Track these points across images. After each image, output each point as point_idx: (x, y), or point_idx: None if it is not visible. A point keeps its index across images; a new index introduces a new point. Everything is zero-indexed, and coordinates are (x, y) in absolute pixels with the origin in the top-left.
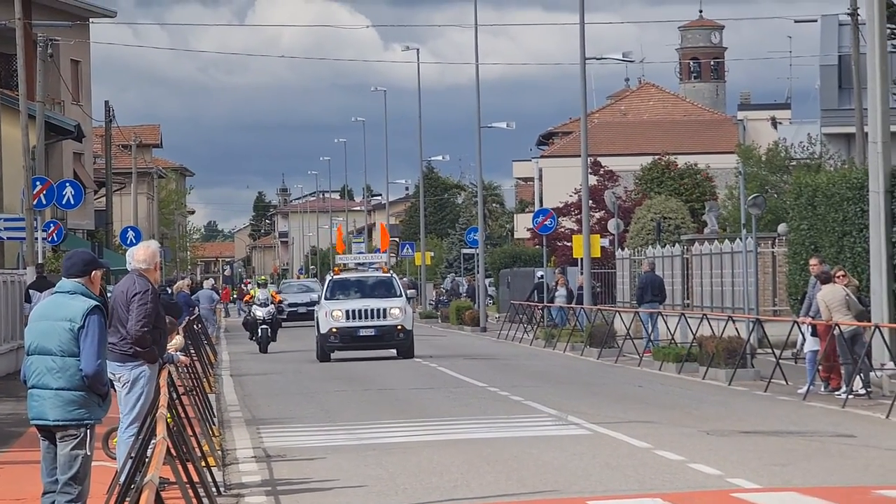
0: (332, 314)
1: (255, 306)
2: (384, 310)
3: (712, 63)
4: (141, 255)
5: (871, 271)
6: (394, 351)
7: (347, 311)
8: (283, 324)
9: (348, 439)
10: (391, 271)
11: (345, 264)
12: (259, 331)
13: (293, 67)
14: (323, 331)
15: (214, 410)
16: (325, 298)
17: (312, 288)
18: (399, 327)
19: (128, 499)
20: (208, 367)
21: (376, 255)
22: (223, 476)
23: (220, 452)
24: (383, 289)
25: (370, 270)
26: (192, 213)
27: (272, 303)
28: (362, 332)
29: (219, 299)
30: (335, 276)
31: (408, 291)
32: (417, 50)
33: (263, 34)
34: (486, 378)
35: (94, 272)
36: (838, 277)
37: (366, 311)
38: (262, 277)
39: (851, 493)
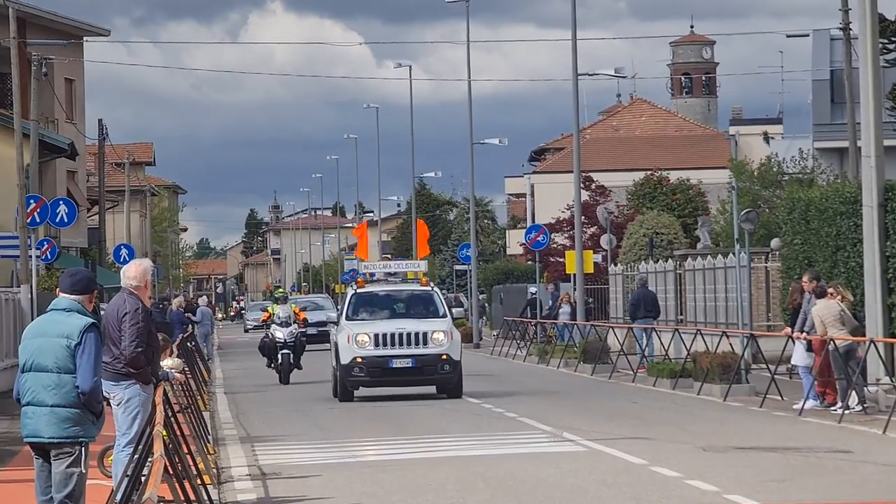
0: (357, 339)
1: (273, 326)
2: (424, 334)
3: (704, 78)
4: (132, 272)
5: (865, 286)
6: (434, 388)
7: (376, 336)
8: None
9: (343, 456)
10: (432, 283)
11: (371, 274)
12: (279, 356)
13: (286, 85)
14: (344, 361)
15: (209, 428)
16: (347, 318)
17: (323, 305)
18: (444, 357)
19: None
20: (202, 384)
21: (411, 262)
22: (219, 494)
23: (215, 470)
24: (422, 306)
25: (402, 282)
26: (185, 230)
27: (295, 321)
28: (396, 364)
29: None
30: (359, 290)
31: (453, 310)
32: (410, 67)
33: (256, 52)
34: (480, 395)
35: (94, 291)
36: (830, 293)
37: (400, 335)
38: (281, 290)
39: None
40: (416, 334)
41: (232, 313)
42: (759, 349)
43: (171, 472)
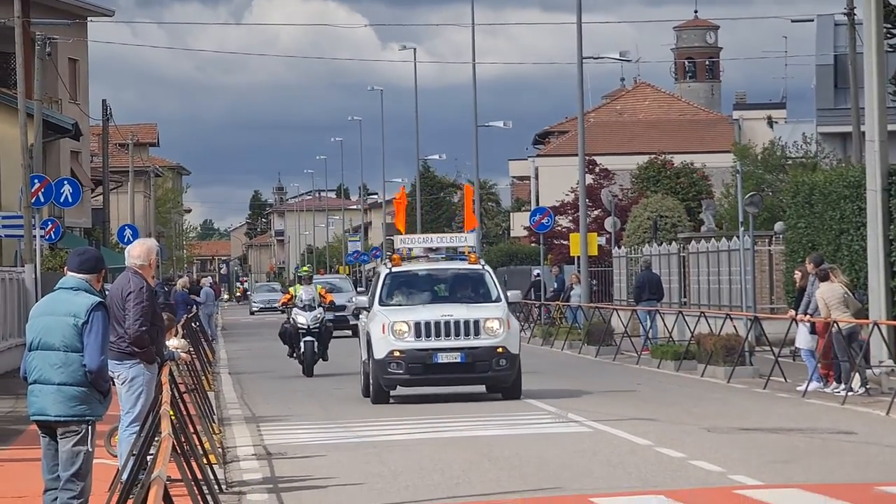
0: (394, 329)
1: (295, 310)
2: (475, 322)
3: (707, 63)
4: (136, 251)
5: (868, 269)
6: (484, 387)
7: (418, 325)
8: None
9: (348, 437)
10: (481, 260)
11: (408, 249)
12: (302, 345)
13: (290, 67)
14: (379, 355)
15: (214, 408)
16: (381, 303)
17: (341, 287)
18: (499, 349)
19: (132, 496)
20: (206, 365)
21: (457, 235)
22: (224, 474)
23: (220, 450)
24: (471, 288)
25: (445, 259)
26: (189, 211)
27: (320, 305)
28: (442, 358)
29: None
30: (394, 269)
31: (508, 293)
32: (414, 49)
33: (261, 33)
34: None
35: (102, 270)
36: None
37: (447, 324)
38: (305, 268)
39: (854, 489)
40: (466, 323)
41: (238, 294)
42: (762, 331)
43: (178, 451)
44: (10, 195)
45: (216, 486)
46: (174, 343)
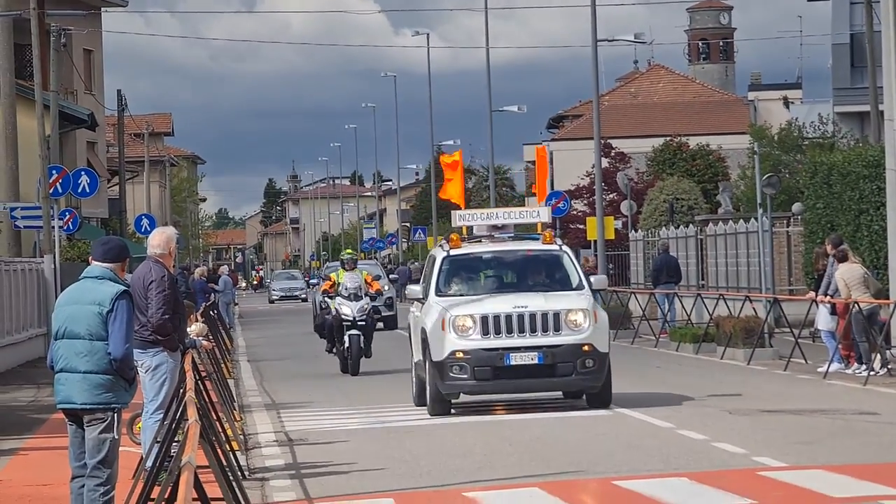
0: (456, 324)
1: (339, 299)
2: (556, 315)
3: (721, 44)
4: (156, 240)
5: (888, 249)
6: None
7: (485, 319)
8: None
9: (369, 422)
10: (558, 239)
11: (469, 229)
12: (347, 339)
13: (303, 54)
14: (438, 356)
15: (234, 395)
16: (437, 292)
17: (371, 273)
18: (585, 348)
19: (158, 483)
20: (226, 352)
21: (528, 209)
22: (247, 460)
23: (242, 437)
24: (546, 273)
25: (514, 239)
26: (204, 200)
27: (367, 293)
28: (515, 359)
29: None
30: (452, 252)
31: (592, 279)
32: (427, 35)
33: (273, 21)
34: None
35: (126, 259)
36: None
37: (520, 317)
38: (349, 251)
39: (880, 470)
40: (545, 315)
41: (255, 282)
42: (782, 313)
43: (205, 437)
44: (27, 186)
45: (239, 473)
46: (194, 329)
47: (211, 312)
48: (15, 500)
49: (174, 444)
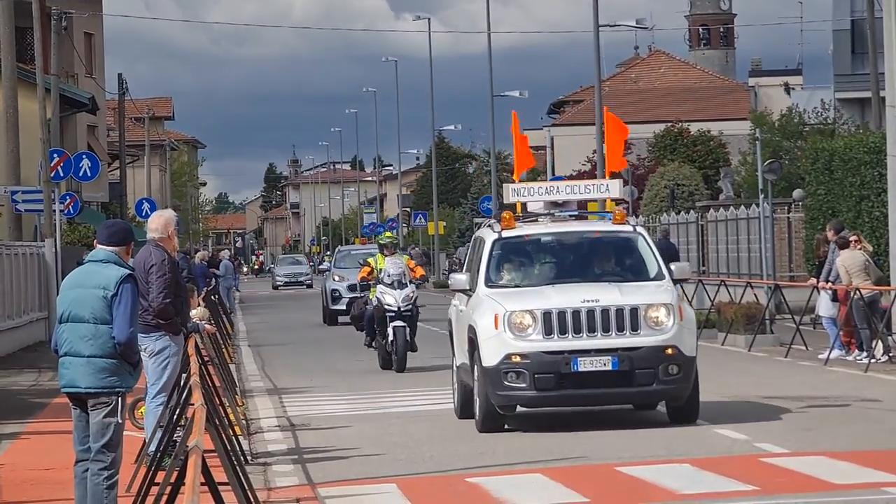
0: (512, 322)
1: (380, 287)
2: (633, 311)
3: (722, 30)
4: (154, 223)
5: (889, 235)
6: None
7: (547, 316)
8: (339, 321)
9: (370, 408)
10: (631, 218)
11: (524, 206)
12: (391, 332)
13: (304, 38)
14: (490, 360)
15: (236, 380)
16: (487, 283)
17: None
18: (669, 351)
19: (162, 467)
20: (227, 337)
21: (594, 182)
22: (249, 445)
23: (244, 421)
24: (618, 260)
25: (577, 218)
26: (204, 184)
27: (411, 280)
28: (585, 365)
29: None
30: (504, 233)
31: (673, 266)
32: (429, 20)
33: (275, 5)
34: None
35: (131, 243)
36: (853, 241)
37: (590, 313)
38: (388, 234)
39: (882, 456)
40: (619, 311)
41: (255, 267)
42: (783, 299)
43: (210, 422)
44: (28, 170)
45: (242, 458)
46: (197, 314)
47: (212, 297)
48: (17, 485)
49: (178, 428)
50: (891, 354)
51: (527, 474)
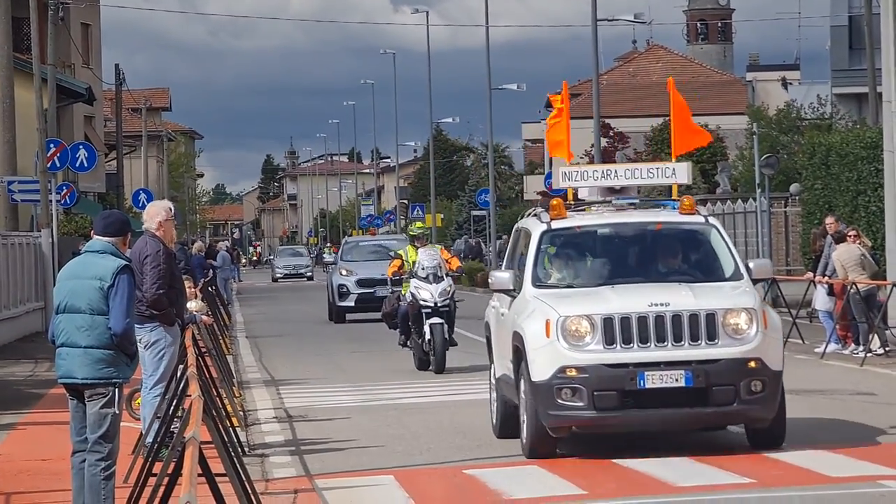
0: (566, 329)
1: (414, 281)
2: (709, 317)
3: (720, 25)
4: (150, 214)
5: (886, 230)
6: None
7: (608, 323)
8: (347, 318)
9: (368, 399)
10: (701, 208)
11: (576, 193)
12: (428, 329)
13: (303, 30)
14: (540, 375)
15: (233, 371)
16: (535, 282)
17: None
18: (752, 364)
19: (159, 458)
20: (224, 328)
21: (659, 165)
22: (247, 436)
23: (242, 413)
24: (687, 256)
25: (639, 207)
26: (202, 175)
27: (447, 273)
28: (653, 381)
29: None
30: (555, 224)
31: (751, 264)
32: (427, 12)
33: None
34: None
35: (128, 233)
36: (850, 237)
37: (658, 319)
38: (419, 224)
39: (878, 450)
40: (694, 318)
41: (254, 259)
42: (780, 293)
43: (207, 413)
44: (25, 160)
45: (240, 449)
46: (193, 305)
47: (209, 288)
48: (14, 475)
49: (175, 419)
50: (887, 348)
51: (524, 466)
